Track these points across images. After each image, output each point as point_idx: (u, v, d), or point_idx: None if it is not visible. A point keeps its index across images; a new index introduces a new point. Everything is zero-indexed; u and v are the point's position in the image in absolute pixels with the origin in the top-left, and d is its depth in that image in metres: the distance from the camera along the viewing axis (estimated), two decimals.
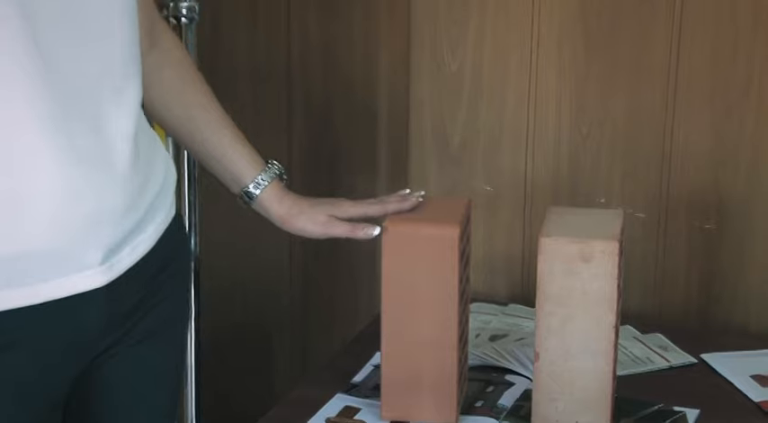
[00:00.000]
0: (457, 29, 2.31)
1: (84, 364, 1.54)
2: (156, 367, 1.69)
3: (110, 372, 1.60)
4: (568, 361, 1.75)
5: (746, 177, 2.19)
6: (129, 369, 1.62)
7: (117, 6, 1.50)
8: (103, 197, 1.45)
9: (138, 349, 1.60)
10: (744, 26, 2.15)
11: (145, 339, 1.60)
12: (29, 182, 1.39)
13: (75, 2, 1.43)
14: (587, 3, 2.24)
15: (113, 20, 1.49)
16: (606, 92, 2.25)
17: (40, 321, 1.44)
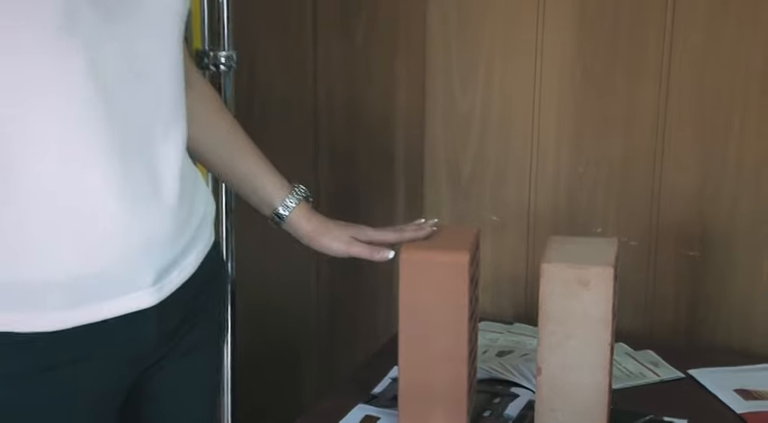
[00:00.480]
0: (467, 75, 2.32)
1: (137, 375, 1.55)
2: (197, 379, 1.69)
3: (158, 383, 1.60)
4: (568, 375, 1.74)
5: (728, 211, 2.18)
6: (175, 380, 1.62)
7: (168, 58, 1.51)
8: (155, 227, 1.46)
9: (181, 363, 1.61)
10: (725, 77, 2.15)
11: (187, 354, 1.61)
12: (92, 215, 1.41)
13: (133, 55, 1.43)
14: (585, 54, 2.24)
15: (165, 70, 1.50)
16: (601, 133, 2.25)
17: (101, 337, 1.45)
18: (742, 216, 2.17)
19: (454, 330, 1.73)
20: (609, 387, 1.75)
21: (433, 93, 2.36)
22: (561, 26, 2.24)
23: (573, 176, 2.28)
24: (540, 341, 1.74)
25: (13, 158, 1.38)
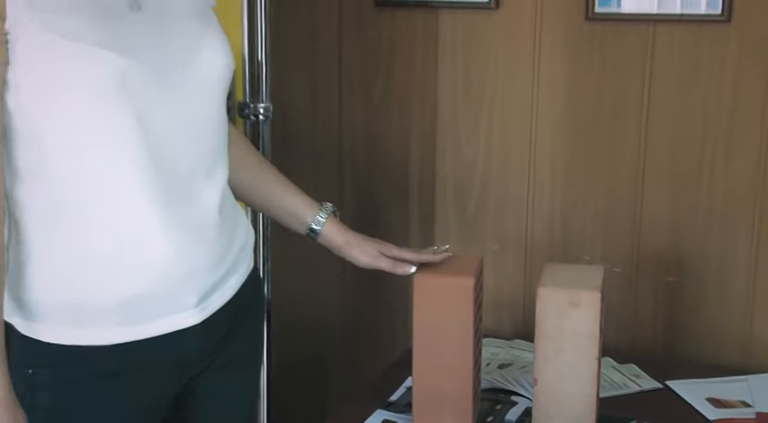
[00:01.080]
0: (472, 125, 2.31)
1: (182, 384, 1.55)
2: (238, 388, 1.68)
3: (202, 392, 1.60)
4: (561, 385, 1.74)
5: (700, 241, 2.17)
6: (217, 389, 1.61)
7: (213, 112, 1.51)
8: (197, 257, 1.47)
9: (223, 373, 1.60)
10: (695, 129, 2.14)
11: (228, 366, 1.60)
12: (142, 248, 1.42)
13: (180, 112, 1.44)
14: (574, 110, 2.22)
15: (209, 123, 1.51)
16: (589, 176, 2.24)
17: (151, 350, 1.46)
18: (712, 247, 2.15)
19: (461, 345, 1.73)
20: (597, 396, 1.74)
21: (442, 143, 2.34)
22: (553, 88, 2.23)
23: (564, 212, 2.27)
24: (536, 355, 1.74)
25: (78, 204, 1.41)
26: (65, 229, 1.42)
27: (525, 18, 2.22)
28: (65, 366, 1.44)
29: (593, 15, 2.16)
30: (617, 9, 2.15)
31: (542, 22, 2.21)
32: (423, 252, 1.76)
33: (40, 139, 1.38)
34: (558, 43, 2.21)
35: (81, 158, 1.39)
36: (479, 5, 2.24)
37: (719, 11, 2.07)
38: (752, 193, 2.12)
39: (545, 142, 2.25)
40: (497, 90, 2.27)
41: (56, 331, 1.43)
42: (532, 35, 2.22)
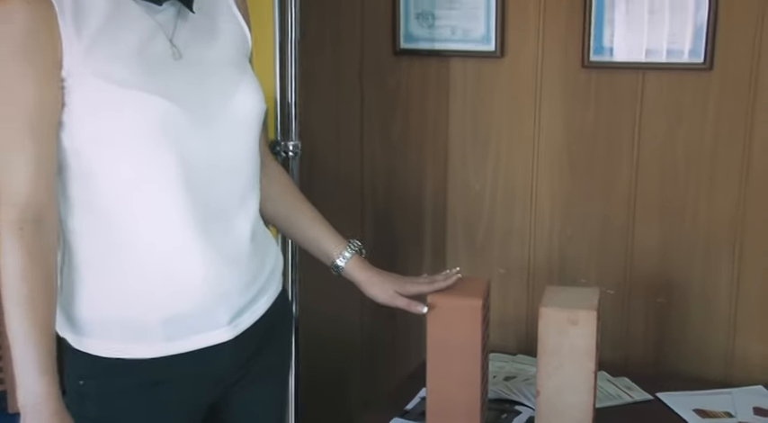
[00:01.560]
0: (479, 162, 2.30)
1: (217, 394, 1.55)
2: (268, 398, 1.67)
3: (235, 402, 1.60)
4: (561, 396, 1.73)
5: (686, 266, 2.15)
6: (249, 399, 1.60)
7: (246, 150, 1.51)
8: (231, 278, 1.48)
9: (254, 385, 1.59)
10: (681, 166, 2.12)
11: (259, 378, 1.60)
12: (182, 272, 1.43)
13: (217, 151, 1.45)
14: (571, 148, 2.21)
15: (242, 160, 1.51)
16: (585, 206, 2.22)
17: (188, 363, 1.46)
18: (697, 272, 2.14)
19: (470, 359, 1.72)
20: (593, 406, 1.73)
21: (453, 178, 2.33)
22: (553, 129, 2.22)
23: (563, 239, 2.25)
24: (538, 369, 1.73)
25: (125, 233, 1.43)
26: (113, 254, 1.42)
27: (527, 65, 2.21)
28: (111, 378, 1.45)
29: (588, 63, 2.14)
30: (610, 58, 2.13)
31: (543, 70, 2.20)
32: (436, 279, 1.74)
33: (92, 174, 1.39)
34: (557, 88, 2.20)
35: (128, 192, 1.39)
36: (486, 54, 2.23)
37: (702, 60, 2.06)
38: (732, 224, 2.10)
39: (545, 177, 2.24)
40: (502, 130, 2.25)
41: (104, 346, 1.44)
42: (534, 81, 2.21)
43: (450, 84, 2.29)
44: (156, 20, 1.41)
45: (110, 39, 1.36)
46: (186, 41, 1.44)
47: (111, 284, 1.43)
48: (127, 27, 1.38)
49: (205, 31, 1.48)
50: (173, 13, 1.43)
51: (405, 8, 2.28)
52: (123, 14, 1.39)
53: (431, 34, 2.27)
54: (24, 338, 1.34)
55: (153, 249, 1.41)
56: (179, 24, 1.44)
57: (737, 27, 2.03)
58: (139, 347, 1.43)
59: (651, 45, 2.10)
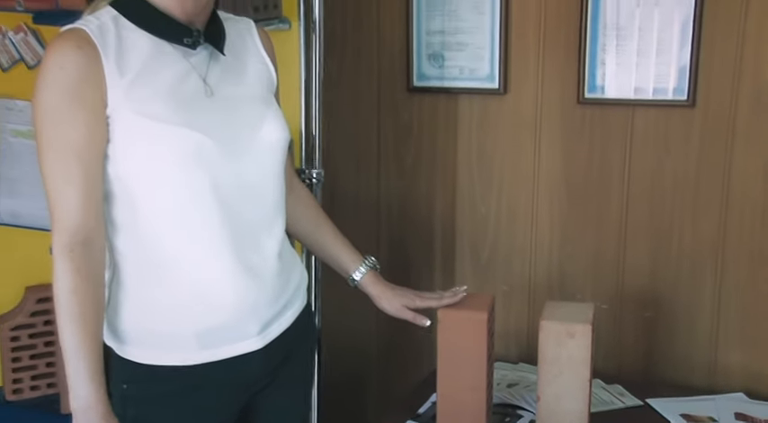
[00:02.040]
0: (485, 189, 2.29)
1: (247, 399, 1.55)
2: (292, 403, 1.67)
3: (263, 406, 1.59)
4: (559, 402, 1.73)
5: (673, 284, 2.14)
6: (276, 404, 1.60)
7: (272, 177, 1.51)
8: (260, 294, 1.48)
9: (280, 391, 1.59)
10: (667, 193, 2.11)
11: (285, 384, 1.60)
12: (215, 287, 1.43)
13: (245, 178, 1.44)
14: (569, 173, 2.20)
15: (269, 186, 1.51)
16: (581, 230, 2.21)
17: (221, 370, 1.46)
18: (682, 289, 2.13)
19: (477, 368, 1.72)
20: (589, 411, 1.73)
21: (461, 203, 2.33)
22: (551, 159, 2.22)
23: (561, 259, 2.24)
24: (539, 377, 1.73)
25: (164, 253, 1.42)
26: (153, 272, 1.43)
27: (528, 102, 2.21)
28: (150, 383, 1.45)
29: (583, 100, 2.14)
30: (602, 95, 2.12)
31: (542, 105, 2.19)
32: (444, 295, 1.74)
33: (134, 200, 1.39)
34: (555, 122, 2.19)
35: (166, 216, 1.40)
36: (491, 91, 2.22)
37: (686, 97, 2.05)
38: (714, 246, 2.10)
39: (544, 202, 2.24)
40: (505, 160, 2.25)
41: (145, 354, 1.44)
42: (534, 115, 2.21)
43: (458, 118, 2.29)
44: (190, 62, 1.42)
45: (148, 79, 1.37)
46: (217, 80, 1.44)
47: (151, 299, 1.44)
48: (164, 68, 1.39)
49: (234, 70, 1.48)
50: (206, 55, 1.44)
51: (417, 50, 2.28)
52: (161, 57, 1.39)
53: (441, 73, 2.27)
54: (75, 349, 1.35)
55: (188, 268, 1.42)
56: (211, 65, 1.44)
57: (717, 68, 2.02)
58: (176, 356, 1.44)
59: (639, 84, 2.09)
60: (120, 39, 1.36)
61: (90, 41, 1.34)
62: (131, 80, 1.35)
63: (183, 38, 1.40)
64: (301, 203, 1.70)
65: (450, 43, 2.24)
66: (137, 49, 1.37)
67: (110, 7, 1.40)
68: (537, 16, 2.16)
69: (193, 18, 1.41)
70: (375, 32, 2.32)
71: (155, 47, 1.39)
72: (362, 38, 2.34)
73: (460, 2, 2.21)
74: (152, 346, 1.44)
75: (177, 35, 1.40)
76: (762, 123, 2.01)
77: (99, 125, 1.35)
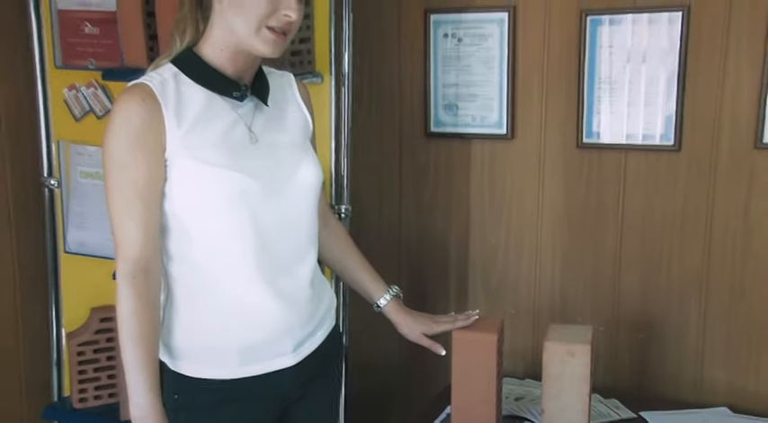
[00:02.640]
0: (495, 223, 2.29)
1: (282, 410, 1.54)
2: (323, 415, 1.65)
3: (297, 416, 1.58)
4: (562, 415, 1.72)
5: (662, 308, 2.11)
6: (307, 415, 1.59)
7: (307, 213, 1.51)
8: (294, 316, 1.47)
9: (312, 404, 1.58)
10: (657, 228, 2.10)
11: (316, 397, 1.58)
12: (255, 310, 1.43)
13: (283, 214, 1.45)
14: (569, 209, 2.19)
15: (304, 220, 1.50)
16: (580, 258, 2.20)
17: (259, 384, 1.46)
18: (671, 313, 2.10)
19: (487, 383, 1.70)
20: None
21: (473, 236, 2.31)
22: (553, 196, 2.21)
23: (562, 286, 2.24)
24: (543, 392, 1.72)
25: (212, 279, 1.42)
26: (202, 296, 1.43)
27: (533, 146, 2.20)
28: (198, 394, 1.45)
29: (581, 144, 2.13)
30: (598, 140, 2.11)
31: (545, 149, 2.19)
32: (458, 318, 1.73)
33: (186, 233, 1.40)
34: (557, 164, 2.19)
35: (214, 248, 1.40)
36: (499, 137, 2.22)
37: (672, 142, 2.04)
38: (699, 275, 2.07)
39: (548, 235, 2.23)
40: (513, 197, 2.24)
41: (193, 368, 1.44)
42: (538, 158, 2.21)
43: (471, 160, 2.29)
44: (238, 113, 1.43)
45: (202, 128, 1.38)
46: (261, 129, 1.45)
47: (199, 320, 1.44)
48: (215, 118, 1.40)
49: (276, 119, 1.49)
50: (252, 106, 1.45)
51: (434, 100, 2.28)
52: (213, 109, 1.40)
53: (455, 121, 2.27)
54: (134, 364, 1.36)
55: (232, 293, 1.41)
56: (256, 115, 1.45)
57: (699, 116, 2.01)
58: (220, 370, 1.43)
59: (630, 130, 2.08)
60: (178, 93, 1.38)
61: (153, 95, 1.35)
62: (187, 129, 1.36)
63: (233, 92, 1.41)
64: (334, 236, 1.70)
65: (464, 94, 2.24)
66: (193, 101, 1.39)
67: (170, 64, 1.41)
68: (540, 71, 2.16)
69: (242, 74, 1.43)
70: (397, 85, 2.33)
71: (208, 99, 1.40)
72: (386, 90, 2.35)
73: (472, 58, 2.21)
74: (200, 362, 1.44)
75: (228, 89, 1.41)
76: (740, 167, 2.00)
77: (158, 168, 1.36)
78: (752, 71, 1.94)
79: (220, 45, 1.40)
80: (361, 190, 2.33)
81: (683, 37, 1.98)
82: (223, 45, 1.40)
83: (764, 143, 1.96)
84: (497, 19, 2.16)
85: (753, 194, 2.00)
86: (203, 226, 1.39)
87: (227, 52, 1.40)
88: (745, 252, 2.02)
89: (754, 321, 2.03)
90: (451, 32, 2.22)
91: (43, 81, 2.25)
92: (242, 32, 1.37)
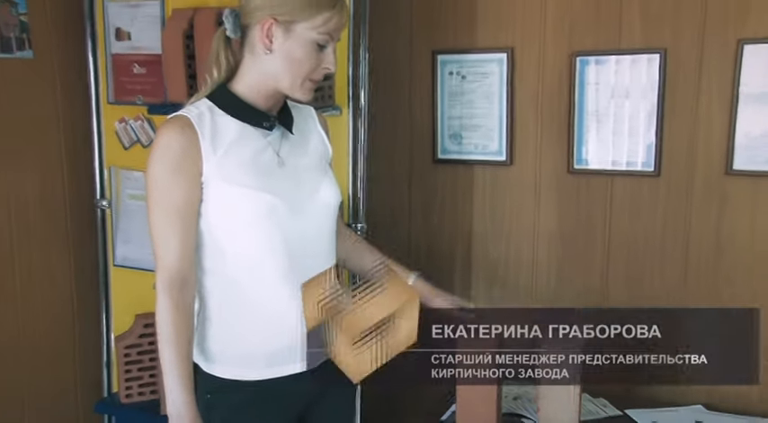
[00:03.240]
0: (496, 238, 2.26)
1: (303, 408, 1.51)
2: (341, 413, 1.63)
3: (316, 415, 1.56)
4: (555, 413, 1.68)
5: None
6: (328, 413, 1.57)
7: (328, 230, 1.49)
8: None
9: (330, 404, 1.56)
10: (639, 246, 2.08)
11: (335, 397, 1.55)
12: (282, 317, 1.40)
13: (307, 231, 1.43)
14: (562, 228, 2.17)
15: (325, 236, 1.48)
16: (572, 271, 2.18)
17: (282, 385, 1.43)
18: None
19: (489, 384, 1.64)
20: (579, 420, 1.68)
21: (476, 249, 2.29)
22: (548, 217, 2.19)
23: (556, 295, 2.21)
24: (537, 391, 1.71)
25: (242, 290, 1.41)
26: (232, 306, 1.42)
27: (529, 171, 2.20)
28: (229, 393, 1.44)
29: (572, 170, 2.13)
30: (587, 166, 2.11)
31: (540, 174, 2.19)
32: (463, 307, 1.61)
33: (219, 248, 1.40)
34: (551, 187, 2.18)
35: (244, 262, 1.39)
36: (499, 163, 2.22)
37: (652, 169, 2.03)
38: (677, 288, 2.05)
39: (543, 250, 2.22)
40: (513, 216, 2.23)
41: (224, 370, 1.43)
42: (534, 182, 2.20)
43: (474, 183, 2.28)
44: (267, 140, 1.42)
45: (234, 154, 1.38)
46: (287, 153, 1.45)
47: (230, 327, 1.43)
48: (247, 145, 1.40)
49: (300, 145, 1.49)
50: (279, 134, 1.45)
51: (441, 130, 2.27)
52: (245, 136, 1.40)
53: (459, 149, 2.27)
54: (171, 366, 1.35)
55: (259, 302, 1.40)
56: (283, 142, 1.45)
57: (676, 145, 2.01)
58: (248, 372, 1.42)
59: (615, 158, 2.08)
60: (214, 123, 1.38)
61: (191, 125, 1.36)
62: (221, 155, 1.36)
63: (263, 122, 1.42)
64: (348, 240, 1.68)
65: (467, 125, 2.25)
66: (226, 131, 1.39)
67: (206, 99, 1.42)
68: (535, 105, 2.16)
69: (271, 107, 1.43)
70: (408, 117, 2.33)
71: (240, 129, 1.40)
72: (398, 121, 2.34)
73: (474, 93, 2.20)
74: (230, 364, 1.43)
75: (258, 120, 1.41)
76: (712, 191, 1.99)
77: (195, 190, 1.36)
78: (721, 107, 1.95)
79: (257, 87, 1.40)
80: (375, 209, 2.31)
81: (662, 76, 1.99)
82: (261, 88, 1.40)
83: (734, 170, 1.96)
84: (497, 59, 2.17)
85: (724, 215, 1.99)
86: (235, 242, 1.38)
87: (264, 93, 1.41)
88: (717, 267, 2.01)
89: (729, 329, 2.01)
90: (456, 71, 2.22)
91: (97, 115, 2.28)
92: (286, 85, 1.38)
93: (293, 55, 1.36)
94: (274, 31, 1.35)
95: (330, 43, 1.38)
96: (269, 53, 1.37)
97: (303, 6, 1.34)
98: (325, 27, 1.35)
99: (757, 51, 1.86)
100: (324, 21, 1.35)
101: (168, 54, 2.05)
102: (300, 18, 1.34)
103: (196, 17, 2.01)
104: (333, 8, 1.35)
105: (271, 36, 1.35)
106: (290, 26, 1.35)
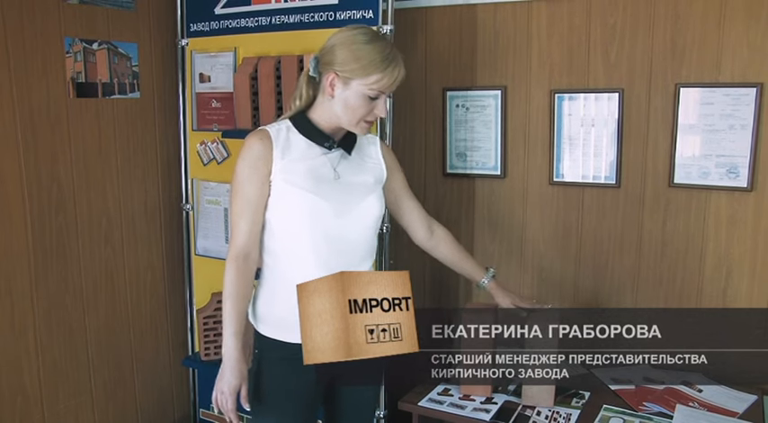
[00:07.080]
0: (493, 237, 2.31)
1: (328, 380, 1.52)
2: (367, 395, 1.63)
3: (341, 397, 1.58)
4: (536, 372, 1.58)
5: (607, 295, 2.15)
6: (351, 396, 1.58)
7: (366, 233, 1.47)
8: None
9: (356, 388, 1.57)
10: (605, 243, 2.13)
11: (359, 383, 1.56)
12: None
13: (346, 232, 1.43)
14: (545, 230, 2.22)
15: (362, 238, 1.48)
16: (552, 262, 2.23)
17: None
18: (612, 299, 2.13)
19: None
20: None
21: (476, 244, 2.32)
22: (533, 221, 2.23)
23: (540, 280, 2.24)
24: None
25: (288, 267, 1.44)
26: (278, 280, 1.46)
27: (518, 183, 2.25)
28: (271, 350, 1.48)
29: (552, 182, 2.20)
30: (563, 179, 2.18)
31: (528, 185, 2.24)
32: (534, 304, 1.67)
33: (276, 233, 1.44)
34: (535, 196, 2.24)
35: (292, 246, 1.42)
36: (495, 176, 2.28)
37: (614, 181, 2.11)
38: (632, 273, 2.12)
39: (529, 246, 2.28)
40: (505, 219, 2.29)
41: (268, 330, 1.47)
42: (522, 192, 2.26)
43: (475, 193, 2.33)
44: (327, 157, 1.46)
45: (297, 163, 1.41)
46: (343, 170, 1.46)
47: (273, 295, 1.46)
48: (310, 159, 1.43)
49: (357, 165, 1.50)
50: (338, 154, 1.47)
51: (450, 150, 2.32)
52: (310, 152, 1.44)
53: (464, 165, 2.32)
54: (229, 318, 1.39)
55: (298, 279, 1.37)
56: (341, 160, 1.47)
57: (632, 163, 2.08)
58: (287, 334, 1.43)
59: (585, 172, 2.15)
60: (287, 138, 1.43)
61: (269, 137, 1.41)
62: (287, 163, 1.40)
63: (325, 143, 1.45)
64: (443, 241, 1.66)
65: (470, 146, 2.30)
66: (296, 145, 1.42)
67: (288, 120, 1.47)
68: (524, 131, 2.23)
69: (336, 133, 1.48)
70: (423, 140, 2.38)
71: (307, 145, 1.44)
72: (415, 143, 2.39)
73: (476, 121, 2.28)
74: (272, 326, 1.46)
75: (322, 141, 1.45)
76: (659, 199, 2.06)
77: (264, 185, 1.40)
78: (665, 134, 2.03)
79: (325, 118, 1.44)
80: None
81: (620, 109, 2.08)
82: (328, 119, 1.45)
83: (675, 183, 2.04)
84: (493, 94, 2.25)
85: (668, 218, 2.07)
86: (287, 229, 1.41)
87: (330, 123, 1.45)
88: (663, 256, 2.09)
89: (669, 303, 2.08)
90: (461, 103, 2.30)
91: (185, 139, 2.42)
92: (344, 123, 1.43)
93: (349, 103, 1.39)
94: (336, 83, 1.39)
95: (381, 96, 1.39)
96: (332, 99, 1.41)
97: (359, 68, 1.37)
98: (377, 85, 1.38)
99: (689, 93, 1.96)
100: (375, 81, 1.37)
101: (238, 92, 2.17)
102: (355, 77, 1.38)
103: (260, 64, 2.13)
104: (383, 71, 1.36)
105: (333, 86, 1.40)
106: (347, 81, 1.38)
